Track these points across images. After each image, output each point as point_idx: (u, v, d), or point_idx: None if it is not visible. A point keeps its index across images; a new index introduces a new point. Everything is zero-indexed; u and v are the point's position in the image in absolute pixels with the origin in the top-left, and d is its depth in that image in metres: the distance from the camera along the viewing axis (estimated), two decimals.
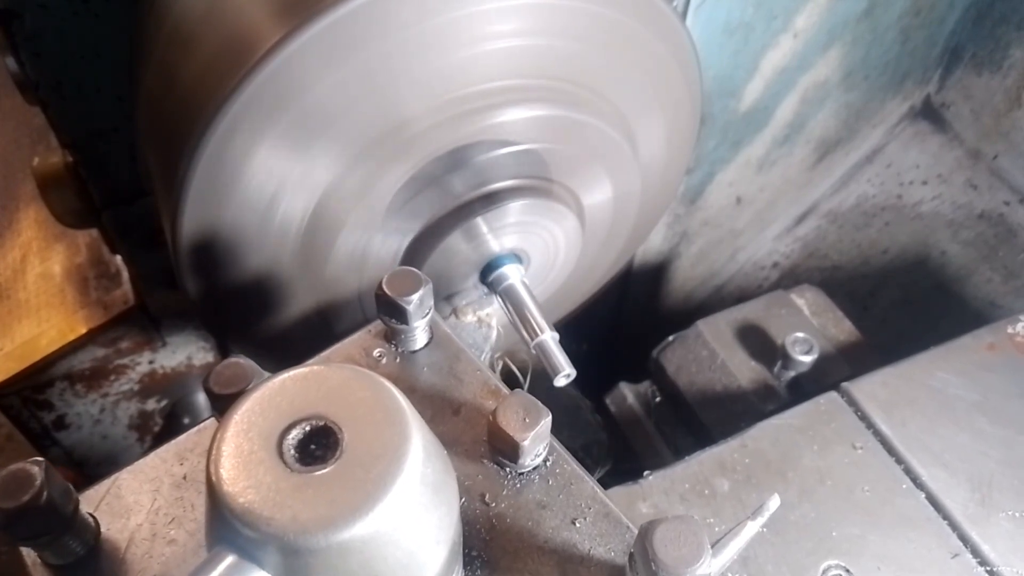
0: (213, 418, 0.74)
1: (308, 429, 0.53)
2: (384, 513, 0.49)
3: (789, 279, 2.19)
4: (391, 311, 0.78)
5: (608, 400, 1.69)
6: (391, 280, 0.77)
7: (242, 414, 0.53)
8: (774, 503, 0.74)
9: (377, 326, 0.83)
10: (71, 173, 1.33)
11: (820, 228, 2.19)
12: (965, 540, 1.12)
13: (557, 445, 0.74)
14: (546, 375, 1.08)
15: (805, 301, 1.59)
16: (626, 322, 2.15)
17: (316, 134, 0.93)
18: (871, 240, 2.13)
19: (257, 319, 1.11)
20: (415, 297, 0.76)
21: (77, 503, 0.66)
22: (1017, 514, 1.15)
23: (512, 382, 1.09)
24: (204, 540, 0.56)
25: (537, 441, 0.70)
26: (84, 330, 1.56)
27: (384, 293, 0.76)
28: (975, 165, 2.01)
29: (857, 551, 1.10)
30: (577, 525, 0.70)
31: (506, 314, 1.12)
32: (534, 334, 1.07)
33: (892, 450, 1.21)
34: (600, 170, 1.14)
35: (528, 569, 0.67)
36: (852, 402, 1.26)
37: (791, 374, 1.45)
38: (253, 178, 0.94)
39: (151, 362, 1.67)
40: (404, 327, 0.79)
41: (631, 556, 0.64)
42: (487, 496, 0.71)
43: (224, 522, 0.50)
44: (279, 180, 0.95)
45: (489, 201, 1.05)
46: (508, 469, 0.73)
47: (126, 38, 1.12)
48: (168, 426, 1.77)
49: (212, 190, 0.94)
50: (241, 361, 0.66)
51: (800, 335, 1.42)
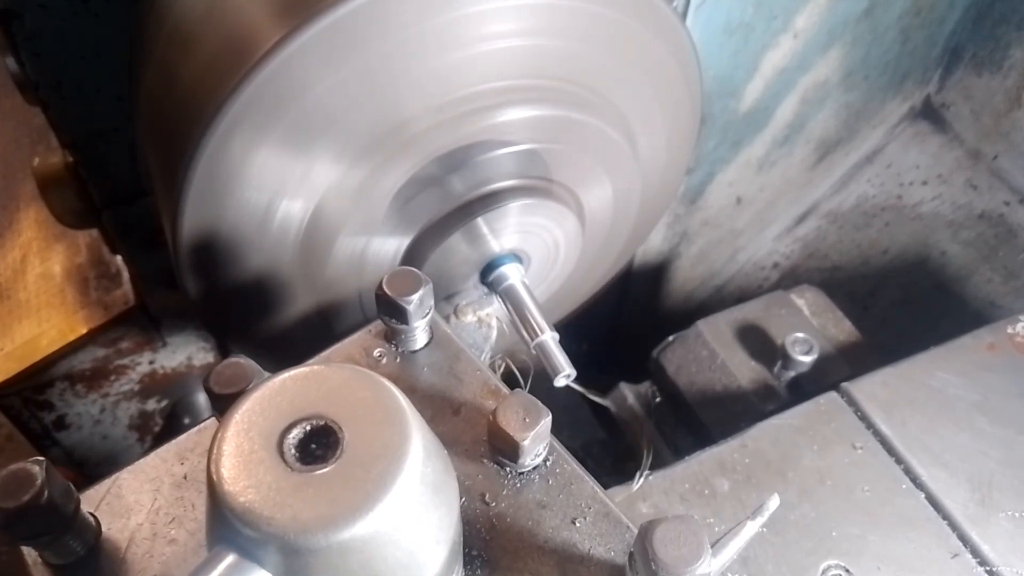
0: (213, 418, 0.74)
1: (308, 429, 0.53)
2: (384, 513, 0.49)
3: (789, 279, 2.19)
4: (391, 311, 0.78)
5: (608, 400, 1.69)
6: (391, 280, 0.77)
7: (242, 414, 0.53)
8: (774, 503, 0.74)
9: (377, 326, 0.83)
10: (71, 173, 1.33)
11: (820, 228, 2.18)
12: (965, 540, 1.12)
13: (557, 445, 0.74)
14: (546, 375, 1.08)
15: (805, 301, 1.59)
16: (626, 322, 2.15)
17: (316, 134, 0.93)
18: (871, 240, 2.13)
19: (257, 319, 1.11)
20: (415, 297, 0.76)
21: (78, 503, 0.66)
22: (1017, 514, 1.15)
23: (512, 382, 1.09)
24: (204, 540, 0.56)
25: (537, 441, 0.70)
26: (84, 330, 1.56)
27: (384, 293, 0.76)
28: (975, 165, 2.01)
29: (857, 551, 1.10)
30: (577, 525, 0.70)
31: (506, 314, 1.12)
32: (534, 334, 1.07)
33: (892, 450, 1.21)
34: (600, 170, 1.14)
35: (528, 569, 0.67)
36: (852, 402, 1.26)
37: (791, 374, 1.45)
38: (253, 178, 0.94)
39: (151, 362, 1.67)
40: (404, 327, 0.79)
41: (631, 556, 0.64)
42: (487, 496, 0.71)
43: (224, 521, 0.50)
44: (279, 180, 0.95)
45: (489, 201, 1.05)
46: (508, 469, 0.73)
47: (126, 38, 1.12)
48: (168, 426, 1.78)
49: (212, 190, 0.94)
50: (241, 361, 0.66)
51: (800, 335, 1.42)
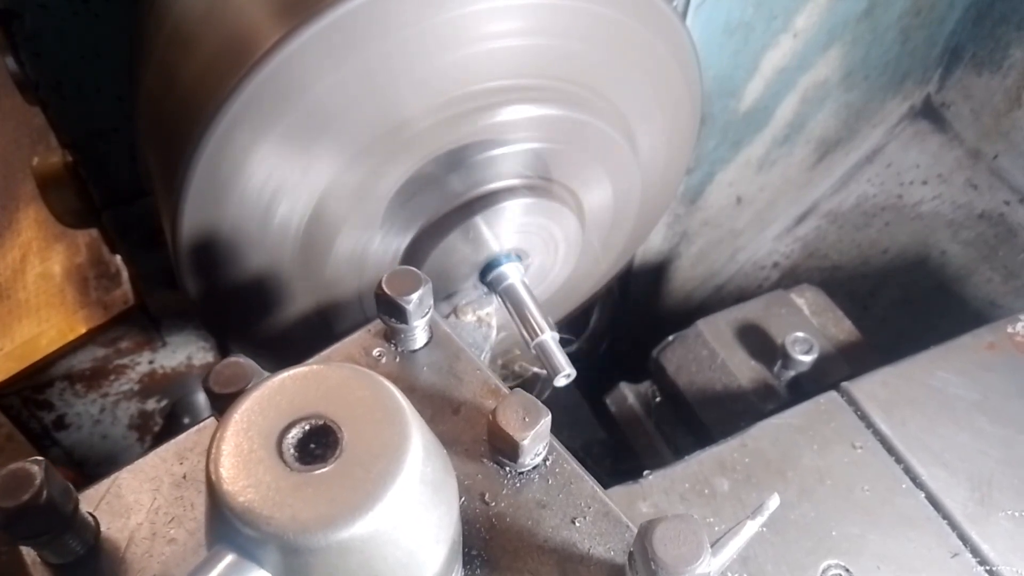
0: (213, 417, 0.74)
1: (308, 428, 0.53)
2: (384, 512, 0.49)
3: (789, 279, 2.18)
4: (391, 310, 0.78)
5: (608, 400, 1.69)
6: (391, 279, 0.77)
7: (242, 413, 0.53)
8: (774, 502, 0.74)
9: (377, 325, 0.83)
10: (71, 173, 1.33)
11: (820, 228, 2.18)
12: (965, 539, 1.12)
13: (557, 445, 0.74)
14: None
15: (805, 301, 1.59)
16: (626, 322, 2.15)
17: (316, 134, 0.93)
18: (871, 240, 2.13)
19: (257, 319, 1.11)
20: (415, 296, 0.76)
21: (77, 502, 0.66)
22: (1017, 513, 1.14)
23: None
24: (204, 539, 0.56)
25: (537, 440, 0.70)
26: (84, 330, 1.56)
27: (384, 292, 0.76)
28: (975, 165, 2.01)
29: (857, 550, 1.10)
30: (577, 524, 0.70)
31: (506, 314, 1.12)
32: (534, 334, 1.07)
33: (892, 449, 1.21)
34: (600, 170, 1.14)
35: (528, 568, 0.67)
36: (852, 402, 1.26)
37: (791, 374, 1.45)
38: (253, 178, 0.94)
39: (151, 362, 1.67)
40: (404, 326, 0.79)
41: (631, 555, 0.64)
42: (487, 495, 0.71)
43: (224, 521, 0.50)
44: (279, 180, 0.95)
45: (489, 201, 1.05)
46: (508, 468, 0.73)
47: (126, 38, 1.12)
48: (168, 426, 1.77)
49: (212, 190, 0.94)
50: (241, 361, 0.66)
51: (800, 335, 1.42)
